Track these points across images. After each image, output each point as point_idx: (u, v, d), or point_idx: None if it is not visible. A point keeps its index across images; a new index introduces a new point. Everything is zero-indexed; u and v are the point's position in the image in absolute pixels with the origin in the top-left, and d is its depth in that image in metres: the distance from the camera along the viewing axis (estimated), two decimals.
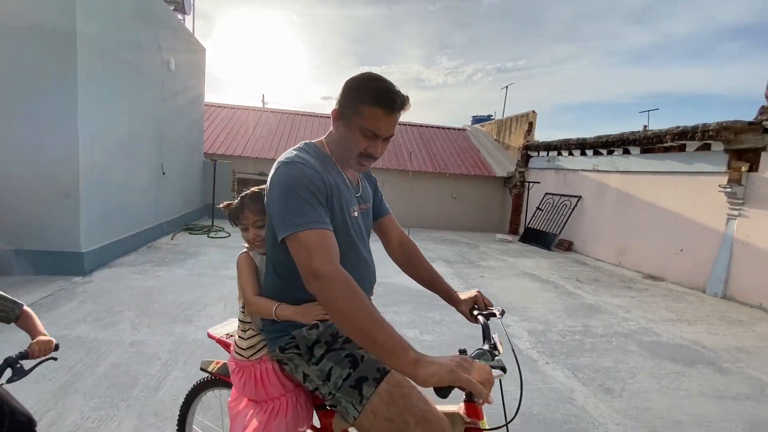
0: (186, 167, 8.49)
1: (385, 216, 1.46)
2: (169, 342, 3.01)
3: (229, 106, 13.95)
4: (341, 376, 1.04)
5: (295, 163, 1.07)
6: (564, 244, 9.12)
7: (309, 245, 0.96)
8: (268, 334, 1.20)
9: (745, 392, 2.96)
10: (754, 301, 5.42)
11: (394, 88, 1.08)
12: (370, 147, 1.12)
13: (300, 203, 1.00)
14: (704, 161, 6.26)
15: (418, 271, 1.44)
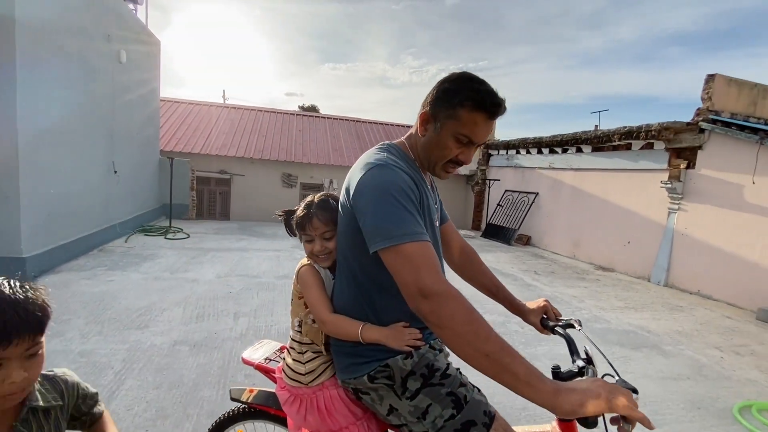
0: (140, 165, 8.06)
1: (446, 222, 1.34)
2: (122, 350, 2.87)
3: (186, 101, 13.37)
4: (442, 417, 0.94)
5: (389, 166, 0.95)
6: (523, 238, 9.51)
7: (414, 259, 0.85)
8: (349, 358, 1.04)
9: (685, 373, 3.24)
10: (693, 288, 5.91)
11: (497, 92, 0.98)
12: (462, 154, 1.02)
13: (399, 211, 0.88)
14: (648, 159, 6.73)
15: (480, 279, 1.34)
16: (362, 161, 1.02)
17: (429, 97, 1.03)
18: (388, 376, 0.99)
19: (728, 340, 4.05)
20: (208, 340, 3.13)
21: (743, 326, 4.53)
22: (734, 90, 6.10)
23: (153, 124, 8.99)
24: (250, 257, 6.15)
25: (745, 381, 3.14)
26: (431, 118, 1.02)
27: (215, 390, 2.43)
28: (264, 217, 10.91)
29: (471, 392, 1.00)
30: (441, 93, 1.00)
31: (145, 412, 2.18)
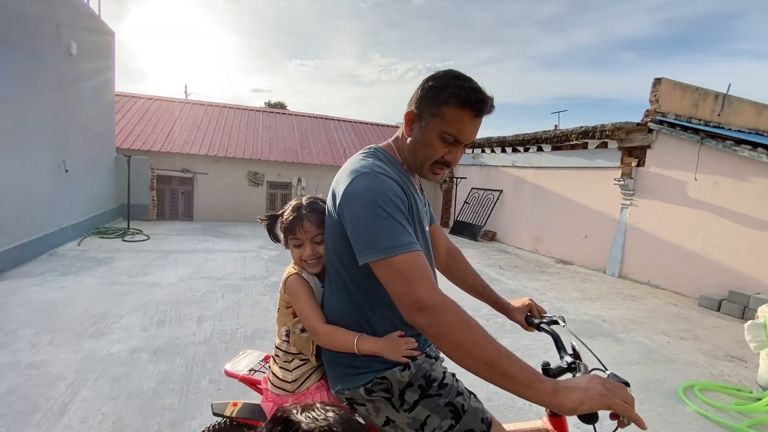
0: (94, 163, 7.61)
1: (433, 223, 1.31)
2: (75, 360, 2.72)
3: (145, 96, 12.73)
4: (441, 428, 0.94)
5: (376, 174, 0.91)
6: (488, 234, 9.79)
7: (407, 272, 0.83)
8: (343, 369, 1.01)
9: (635, 358, 3.46)
10: (643, 278, 6.31)
11: (483, 89, 0.95)
12: (448, 154, 0.99)
13: (388, 222, 0.86)
14: (602, 157, 7.11)
15: (467, 279, 1.34)
16: (348, 168, 0.98)
17: (414, 96, 1.00)
18: (386, 388, 0.97)
19: (674, 326, 4.37)
20: (170, 346, 3.02)
21: (687, 312, 4.89)
22: (678, 93, 6.55)
23: (108, 119, 8.51)
24: (214, 259, 5.97)
25: (688, 363, 3.40)
26: (417, 117, 0.99)
27: (177, 398, 2.36)
28: (229, 217, 10.60)
29: (468, 400, 1.00)
30: (426, 91, 0.97)
31: (101, 425, 2.08)
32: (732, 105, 7.17)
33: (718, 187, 5.42)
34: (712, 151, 5.48)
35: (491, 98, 0.97)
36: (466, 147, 1.03)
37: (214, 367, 2.72)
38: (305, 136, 12.85)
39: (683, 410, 2.62)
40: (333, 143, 12.90)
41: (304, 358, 1.12)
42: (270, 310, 3.93)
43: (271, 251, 6.80)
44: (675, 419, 2.51)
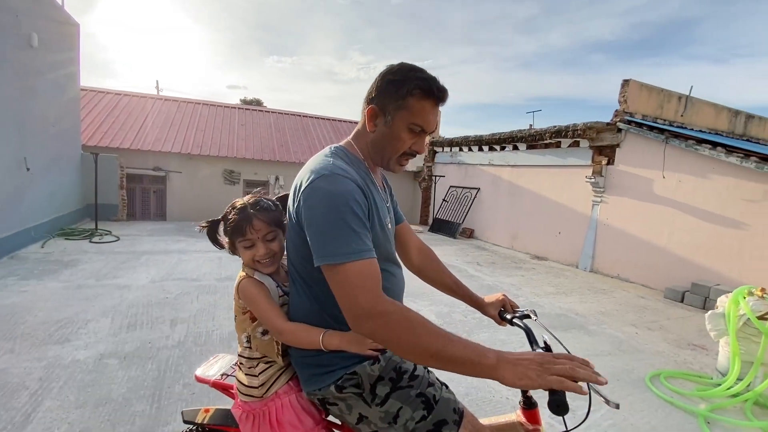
0: (58, 161, 7.25)
1: (402, 223, 1.30)
2: (39, 368, 2.58)
3: (114, 91, 12.23)
4: (413, 419, 0.95)
5: (335, 177, 0.91)
6: (467, 231, 9.94)
7: (351, 281, 0.84)
8: (312, 369, 1.01)
9: (606, 349, 3.59)
10: (613, 272, 6.55)
11: (437, 79, 0.98)
12: (415, 144, 1.02)
13: (342, 229, 0.86)
14: (575, 156, 7.33)
15: (440, 277, 1.34)
16: (308, 167, 0.98)
17: (373, 92, 1.00)
18: (357, 384, 0.97)
19: (642, 317, 4.55)
20: (141, 350, 2.92)
21: (654, 304, 5.12)
22: (645, 94, 6.82)
23: (73, 115, 8.12)
24: (188, 260, 5.80)
25: (655, 353, 3.56)
26: (380, 112, 0.99)
27: (149, 403, 2.28)
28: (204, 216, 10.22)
29: (440, 391, 1.01)
30: (386, 85, 0.98)
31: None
32: (694, 106, 7.53)
33: (682, 185, 5.68)
34: (676, 150, 5.73)
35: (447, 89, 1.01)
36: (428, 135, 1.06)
37: (188, 371, 2.65)
38: (283, 134, 12.67)
39: (651, 398, 2.74)
40: (311, 141, 12.77)
41: (270, 361, 1.09)
42: None
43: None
44: (643, 406, 2.62)
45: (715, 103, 7.94)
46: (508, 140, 8.82)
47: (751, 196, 4.96)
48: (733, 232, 5.11)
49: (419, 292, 4.82)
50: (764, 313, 2.67)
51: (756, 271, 4.83)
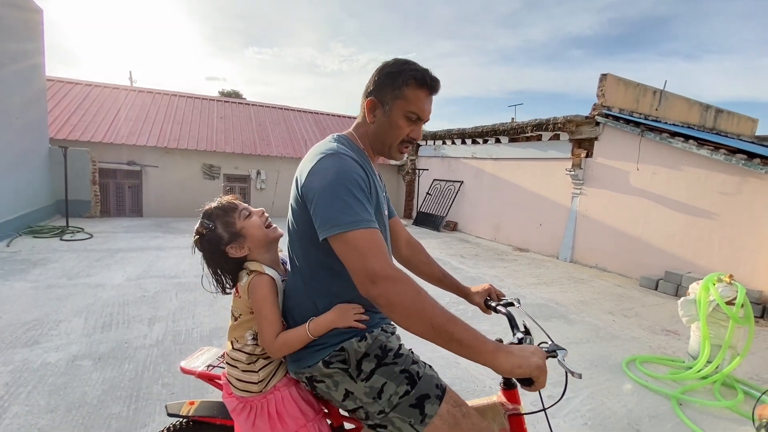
0: (24, 156, 6.91)
1: (393, 217, 1.36)
2: (5, 372, 2.46)
3: (83, 82, 11.71)
4: (397, 393, 0.97)
5: (340, 155, 0.98)
6: (450, 224, 10.01)
7: (361, 246, 0.88)
8: (302, 350, 1.04)
9: (585, 337, 3.68)
10: (591, 262, 6.73)
11: (430, 71, 1.07)
12: (413, 131, 1.09)
13: (349, 199, 0.91)
14: (555, 149, 7.45)
15: (428, 268, 1.40)
16: (313, 152, 1.04)
17: (371, 85, 1.07)
18: (343, 360, 1.00)
19: (618, 305, 4.69)
20: (117, 351, 2.82)
21: (630, 292, 5.28)
22: (622, 88, 6.97)
23: (38, 107, 7.73)
24: (167, 256, 5.64)
25: (631, 339, 3.67)
26: (378, 103, 1.07)
27: (126, 405, 2.21)
28: (183, 212, 10.07)
29: (423, 368, 1.04)
30: (384, 77, 1.05)
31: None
32: (668, 100, 7.75)
33: (656, 176, 5.86)
34: (651, 143, 5.89)
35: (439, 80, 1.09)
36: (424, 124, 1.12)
37: (167, 370, 2.57)
38: (264, 127, 12.42)
39: (627, 382, 2.82)
40: (293, 134, 12.57)
41: (268, 357, 1.09)
42: (229, 308, 3.78)
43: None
44: (620, 391, 2.70)
45: (688, 98, 8.19)
46: (490, 133, 8.89)
47: (721, 187, 5.15)
48: (703, 222, 5.31)
49: None
50: (732, 299, 2.78)
51: (724, 259, 5.04)
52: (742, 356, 2.75)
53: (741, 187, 4.96)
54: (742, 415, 2.49)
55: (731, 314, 2.73)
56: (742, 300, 2.76)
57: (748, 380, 2.96)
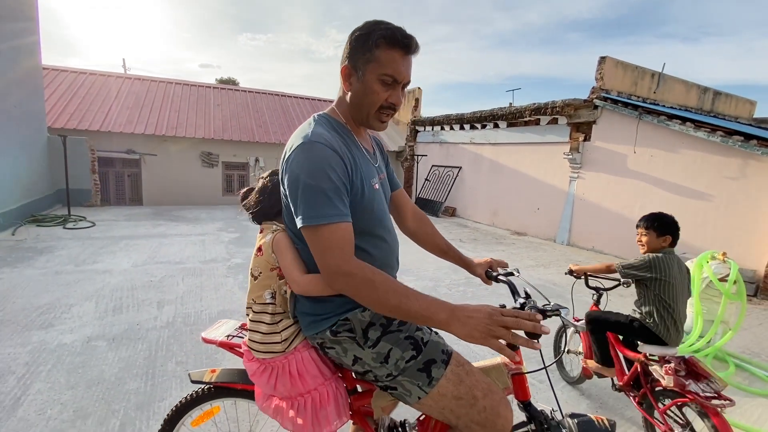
0: (24, 145, 6.90)
1: (398, 189, 1.37)
2: (24, 353, 2.55)
3: (77, 70, 11.57)
4: (403, 358, 1.02)
5: (312, 144, 0.97)
6: (449, 210, 10.09)
7: (324, 242, 0.93)
8: (311, 317, 1.09)
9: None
10: (588, 245, 6.83)
11: (405, 30, 1.00)
12: (391, 96, 1.03)
13: (316, 194, 0.94)
14: (553, 133, 7.48)
15: (433, 240, 1.41)
16: (292, 139, 1.04)
17: (345, 51, 1.03)
18: (350, 329, 1.06)
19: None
20: (130, 332, 2.91)
21: None
22: (620, 71, 6.97)
23: (36, 96, 7.68)
24: (170, 243, 5.71)
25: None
26: (352, 70, 1.02)
27: (143, 381, 2.30)
28: (183, 200, 10.10)
29: (428, 335, 1.09)
30: (354, 42, 1.01)
31: (60, 414, 2.00)
32: (666, 83, 7.76)
33: (653, 159, 5.91)
34: (648, 125, 5.93)
35: (415, 37, 1.02)
36: (405, 87, 1.07)
37: (180, 350, 2.67)
38: (261, 114, 12.35)
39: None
40: (291, 121, 12.51)
41: (289, 318, 1.16)
42: (235, 291, 3.87)
43: (231, 234, 6.60)
44: None
45: (686, 81, 8.20)
46: (488, 118, 8.89)
47: (717, 169, 5.22)
48: (699, 204, 5.40)
49: (404, 269, 4.92)
50: (725, 276, 2.87)
51: (720, 240, 5.14)
52: (734, 331, 2.86)
53: (738, 168, 5.03)
54: (732, 385, 2.61)
55: (723, 290, 2.82)
56: (735, 276, 2.85)
57: (741, 354, 3.08)
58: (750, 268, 4.77)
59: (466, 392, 1.01)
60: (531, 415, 1.10)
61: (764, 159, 4.76)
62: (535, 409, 1.11)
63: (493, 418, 0.99)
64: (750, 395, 2.52)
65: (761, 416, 2.31)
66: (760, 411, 2.37)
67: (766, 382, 2.68)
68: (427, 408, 1.03)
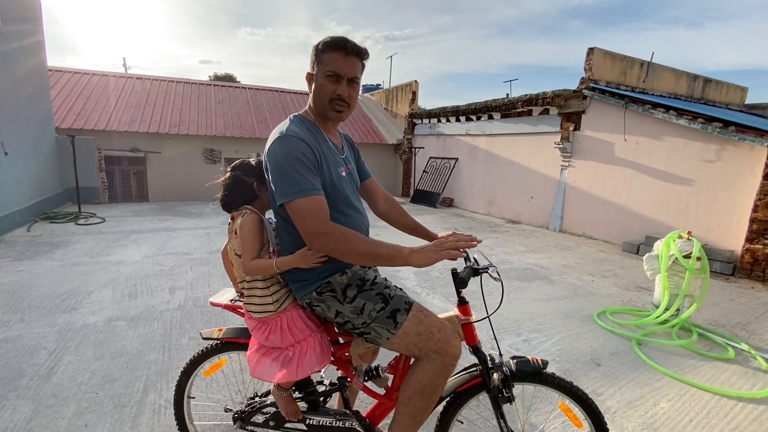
0: (35, 145, 7.19)
1: (369, 179, 1.61)
2: (52, 332, 2.84)
3: (81, 71, 11.83)
4: (375, 310, 1.27)
5: (287, 137, 1.21)
6: (447, 201, 10.33)
7: (302, 211, 1.16)
8: (299, 282, 1.33)
9: (564, 294, 4.05)
10: (579, 231, 7.07)
11: (348, 38, 1.28)
12: (338, 89, 1.27)
13: (293, 174, 1.17)
14: (545, 123, 7.68)
15: (402, 220, 1.64)
16: (272, 135, 1.28)
17: (310, 63, 1.32)
18: (332, 289, 1.31)
19: (599, 268, 5.06)
20: (146, 313, 3.20)
21: (612, 257, 5.64)
22: (609, 61, 7.14)
23: (43, 97, 7.95)
24: (177, 236, 6.00)
25: (606, 295, 4.04)
26: (312, 75, 1.32)
27: (161, 353, 2.59)
28: (187, 196, 10.39)
29: (394, 291, 1.34)
30: (312, 53, 1.30)
31: (90, 380, 2.29)
32: (655, 72, 7.92)
33: (639, 147, 6.12)
34: (634, 114, 6.13)
35: (358, 44, 1.29)
36: (357, 84, 1.31)
37: (192, 327, 2.96)
38: (261, 110, 12.58)
39: (596, 329, 3.20)
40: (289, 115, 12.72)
41: (278, 282, 1.38)
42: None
43: None
44: (588, 336, 3.08)
45: (675, 69, 8.35)
46: (483, 110, 9.09)
47: (698, 154, 5.43)
48: (682, 189, 5.62)
49: None
50: (689, 253, 3.12)
51: (700, 223, 5.37)
52: (698, 302, 3.11)
53: (717, 154, 5.24)
54: (694, 351, 2.87)
55: (687, 266, 3.07)
56: (698, 253, 3.10)
57: (706, 325, 3.34)
58: (728, 249, 5.00)
59: (424, 330, 1.27)
60: (479, 358, 1.35)
61: (740, 144, 4.97)
62: (483, 352, 1.36)
63: (446, 347, 1.27)
64: (709, 360, 2.78)
65: (714, 376, 2.58)
66: (713, 371, 2.63)
67: (724, 348, 2.94)
68: (396, 346, 1.29)
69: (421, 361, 1.29)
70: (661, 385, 2.42)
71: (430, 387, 1.28)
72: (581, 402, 1.31)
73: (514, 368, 1.32)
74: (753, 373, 2.61)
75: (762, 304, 4.00)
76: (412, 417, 1.31)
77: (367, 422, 1.45)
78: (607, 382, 2.43)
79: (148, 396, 2.15)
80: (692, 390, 2.38)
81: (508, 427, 1.36)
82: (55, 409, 2.03)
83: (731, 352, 2.83)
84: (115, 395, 2.15)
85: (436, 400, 1.32)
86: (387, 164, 12.90)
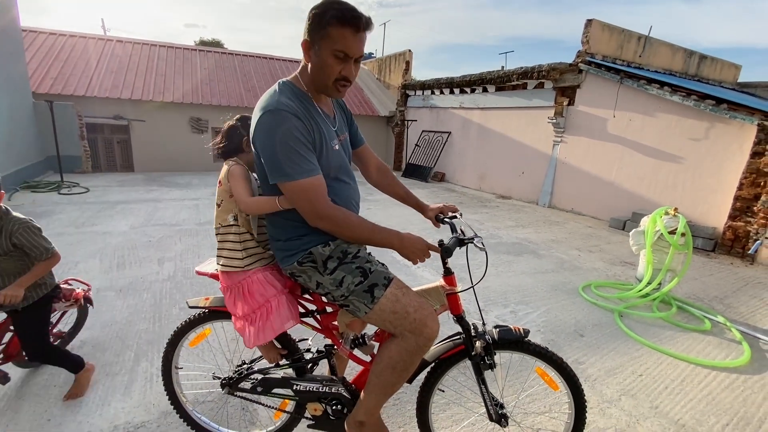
0: (11, 111, 6.87)
1: (362, 146, 1.56)
2: None
3: (56, 32, 11.18)
4: (353, 283, 1.26)
5: (279, 111, 1.12)
6: (438, 175, 10.29)
7: (307, 193, 1.15)
8: (284, 252, 1.33)
9: (551, 268, 4.13)
10: (568, 206, 7.15)
11: (357, 9, 1.13)
12: (344, 70, 1.16)
13: (291, 153, 1.12)
14: (539, 97, 7.59)
15: (394, 188, 1.62)
16: (258, 104, 1.20)
17: (305, 27, 1.15)
18: (312, 260, 1.30)
19: (586, 242, 5.15)
20: (135, 284, 3.18)
21: (599, 232, 5.74)
22: (606, 34, 7.00)
23: (17, 59, 7.53)
24: (165, 207, 5.90)
25: (591, 269, 4.14)
26: (311, 44, 1.16)
27: (151, 323, 2.60)
28: (175, 166, 10.15)
29: (375, 265, 1.32)
30: (311, 19, 1.13)
31: (80, 349, 2.29)
32: (652, 47, 7.81)
33: (632, 123, 6.12)
34: (629, 90, 6.08)
35: (368, 16, 1.16)
36: (359, 62, 1.20)
37: (182, 298, 2.96)
38: (249, 78, 12.16)
39: (580, 301, 3.29)
40: None
41: (252, 237, 1.41)
42: None
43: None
44: (573, 308, 3.17)
45: (672, 44, 8.24)
46: (477, 82, 8.92)
47: (689, 132, 5.45)
48: (670, 166, 5.67)
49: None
50: (674, 229, 3.18)
51: (687, 200, 5.47)
52: (679, 277, 3.20)
53: (707, 131, 5.27)
54: (672, 323, 2.98)
55: (672, 241, 3.14)
56: (683, 229, 3.16)
57: (685, 298, 3.46)
58: (711, 226, 5.12)
59: (401, 308, 1.26)
60: (462, 326, 1.38)
61: (731, 122, 4.99)
62: (466, 321, 1.38)
63: (421, 327, 1.26)
64: (686, 331, 2.89)
65: (690, 346, 2.69)
66: (690, 342, 2.75)
67: (701, 320, 3.06)
68: (373, 320, 1.29)
69: (396, 338, 1.30)
70: (640, 355, 2.52)
71: (402, 364, 1.29)
72: (557, 366, 1.36)
73: (497, 336, 1.36)
74: (727, 344, 2.73)
75: (740, 279, 4.14)
76: (382, 388, 1.34)
77: (353, 387, 1.49)
78: (589, 352, 2.52)
79: (140, 365, 2.16)
80: (669, 359, 2.49)
81: (489, 392, 1.40)
82: (46, 377, 2.04)
83: (707, 324, 2.95)
84: (107, 363, 2.16)
85: (407, 376, 1.34)
86: (379, 137, 12.71)
